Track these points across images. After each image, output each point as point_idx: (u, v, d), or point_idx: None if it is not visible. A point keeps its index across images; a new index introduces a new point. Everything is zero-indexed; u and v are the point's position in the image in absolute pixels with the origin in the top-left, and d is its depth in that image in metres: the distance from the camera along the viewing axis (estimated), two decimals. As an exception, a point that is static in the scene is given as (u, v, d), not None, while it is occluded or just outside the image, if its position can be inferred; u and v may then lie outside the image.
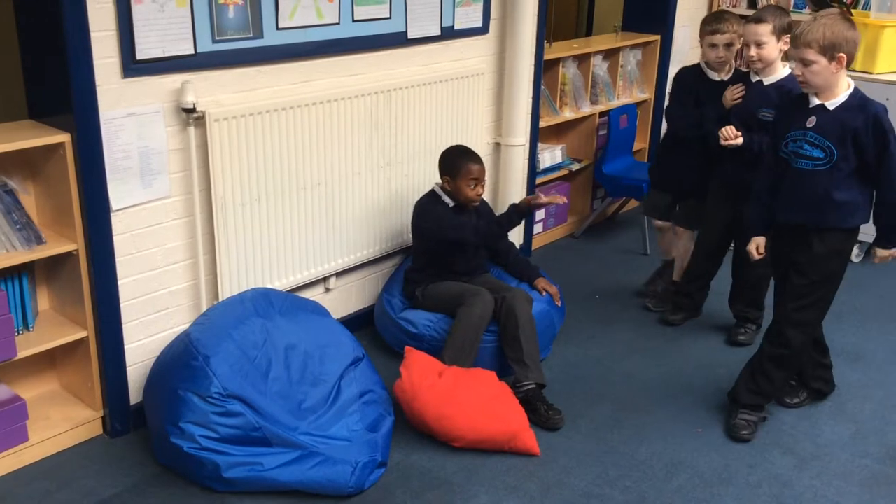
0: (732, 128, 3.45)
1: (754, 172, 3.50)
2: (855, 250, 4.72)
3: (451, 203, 3.42)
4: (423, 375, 3.00)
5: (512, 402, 3.07)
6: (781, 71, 3.49)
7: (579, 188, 5.06)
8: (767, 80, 3.48)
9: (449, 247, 3.41)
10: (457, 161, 3.38)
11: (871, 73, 4.51)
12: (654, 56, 5.22)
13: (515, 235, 4.29)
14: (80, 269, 2.77)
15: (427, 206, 3.44)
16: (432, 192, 3.48)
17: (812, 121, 2.90)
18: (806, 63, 2.83)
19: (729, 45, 3.64)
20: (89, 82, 2.60)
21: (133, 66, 2.68)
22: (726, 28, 3.61)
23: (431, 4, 3.58)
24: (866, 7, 4.87)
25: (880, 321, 4.04)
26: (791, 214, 3.01)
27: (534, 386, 3.18)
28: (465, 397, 2.97)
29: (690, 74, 3.82)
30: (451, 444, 2.96)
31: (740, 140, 3.43)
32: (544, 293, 3.55)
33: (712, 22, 3.66)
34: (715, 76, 3.73)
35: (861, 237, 4.74)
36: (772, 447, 3.07)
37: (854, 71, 4.55)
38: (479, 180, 3.38)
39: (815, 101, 2.91)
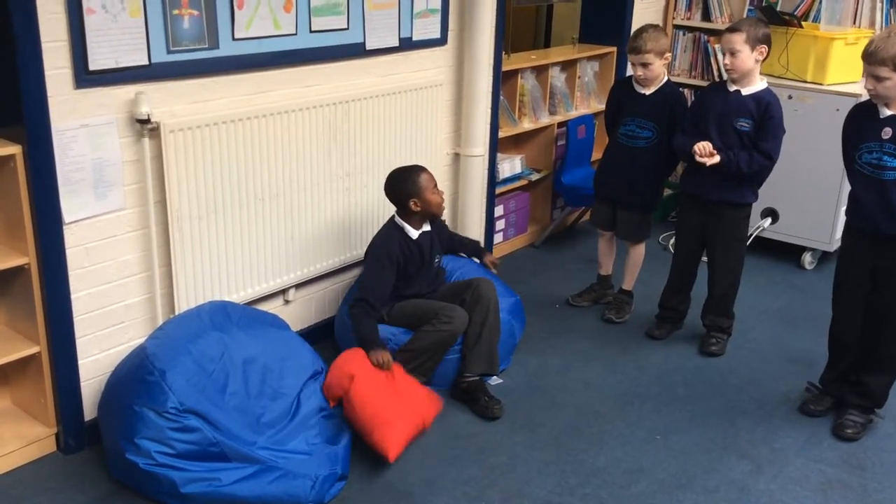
0: (709, 144, 3.48)
1: (721, 187, 3.55)
2: (808, 257, 4.81)
3: (414, 234, 3.38)
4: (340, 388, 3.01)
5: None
6: (759, 83, 3.53)
7: (539, 198, 5.08)
8: (745, 91, 3.51)
9: (400, 279, 3.39)
10: (412, 179, 3.32)
11: (821, 84, 4.61)
12: (610, 67, 5.27)
13: (475, 245, 4.30)
14: (32, 283, 2.72)
15: (378, 252, 3.32)
16: (393, 224, 3.39)
17: (888, 132, 2.94)
18: (879, 79, 2.88)
19: (646, 65, 3.72)
20: (40, 93, 2.55)
21: (86, 76, 2.64)
22: (641, 48, 3.69)
23: (389, 16, 3.58)
24: (816, 20, 4.97)
25: (833, 327, 4.11)
26: (882, 225, 3.02)
27: (477, 378, 3.28)
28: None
29: (620, 85, 4.03)
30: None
31: (717, 159, 3.46)
32: (494, 269, 3.65)
33: (630, 41, 3.76)
34: (640, 89, 3.84)
35: (814, 245, 4.85)
36: (729, 452, 3.11)
37: (804, 81, 4.65)
38: (436, 184, 3.38)
39: (887, 112, 2.95)
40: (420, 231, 3.40)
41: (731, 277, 3.77)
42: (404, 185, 3.33)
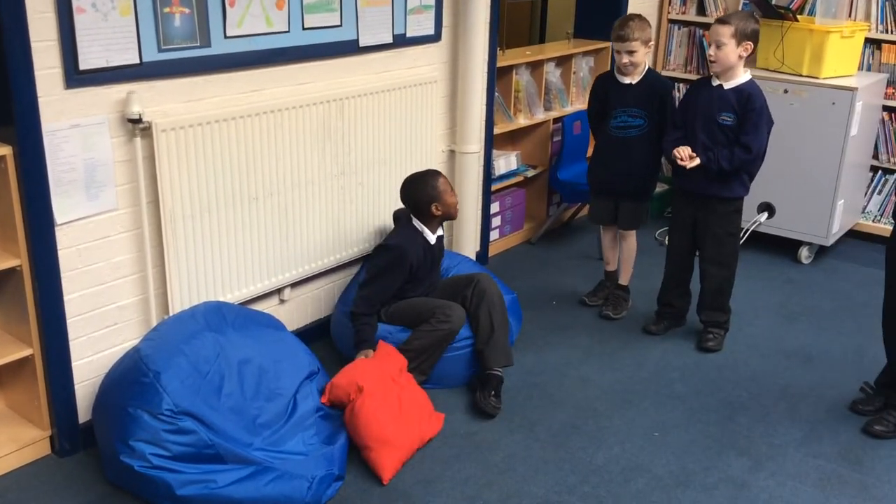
0: (688, 148, 3.51)
1: (711, 181, 3.55)
2: (805, 252, 4.80)
3: (433, 239, 3.40)
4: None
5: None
6: (742, 76, 3.52)
7: (535, 194, 5.07)
8: (727, 85, 3.52)
9: (411, 279, 3.40)
10: (431, 184, 3.34)
11: (817, 78, 4.59)
12: (605, 62, 5.25)
13: (471, 242, 4.29)
14: (25, 285, 2.70)
15: (395, 255, 3.31)
16: (413, 228, 3.39)
17: None
18: None
19: (632, 52, 3.71)
20: (31, 94, 2.53)
21: (76, 76, 2.62)
22: (628, 35, 3.69)
23: (383, 12, 3.56)
24: (811, 13, 4.96)
25: (832, 322, 4.11)
26: None
27: (499, 374, 3.28)
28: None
29: (603, 80, 3.99)
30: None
31: (696, 161, 3.49)
32: None
33: (616, 29, 3.75)
34: (625, 80, 3.83)
35: (810, 239, 4.84)
36: (728, 449, 3.09)
37: (800, 75, 4.64)
38: (451, 185, 3.41)
39: None
40: (436, 235, 3.42)
41: (724, 272, 3.75)
42: (424, 190, 3.35)
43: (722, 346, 3.81)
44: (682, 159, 3.50)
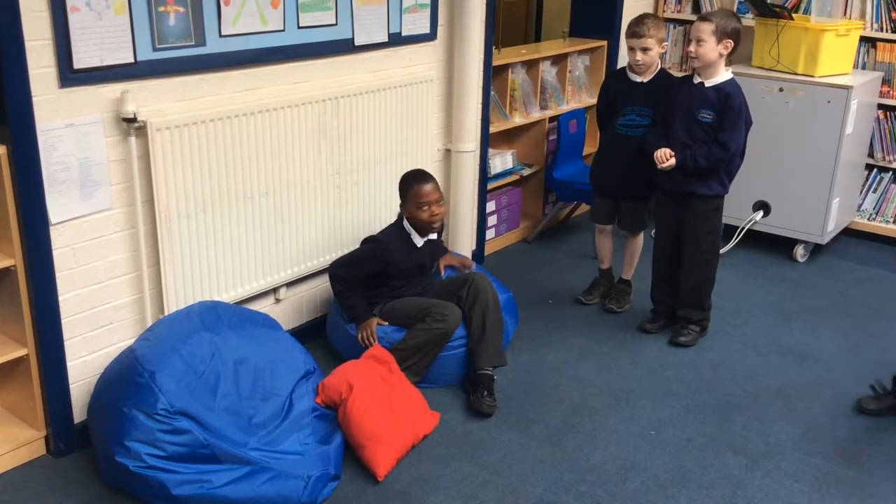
0: (667, 151, 3.55)
1: (687, 179, 3.57)
2: (800, 250, 4.80)
3: (420, 242, 3.39)
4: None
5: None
6: (723, 74, 3.55)
7: (531, 193, 5.06)
8: (708, 83, 3.54)
9: (396, 276, 3.40)
10: (405, 185, 3.35)
11: (812, 76, 4.59)
12: (601, 61, 5.25)
13: (467, 240, 4.28)
14: (19, 285, 2.69)
15: (377, 248, 3.33)
16: (401, 228, 3.40)
17: None
18: None
19: (646, 50, 3.71)
20: (25, 93, 2.52)
21: (70, 75, 2.61)
22: (643, 32, 3.69)
23: (378, 11, 3.55)
24: (807, 12, 4.96)
25: (827, 321, 4.11)
26: None
27: (489, 373, 3.26)
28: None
29: (613, 77, 4.01)
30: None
31: (673, 162, 3.54)
32: (444, 272, 3.66)
33: (631, 26, 3.75)
34: (636, 78, 3.82)
35: (806, 237, 4.85)
36: (724, 448, 3.09)
37: (795, 74, 4.64)
38: (432, 202, 3.32)
39: None
40: (425, 239, 3.41)
41: (702, 271, 3.76)
42: (401, 187, 3.37)
43: (696, 341, 3.81)
44: (660, 161, 3.55)
